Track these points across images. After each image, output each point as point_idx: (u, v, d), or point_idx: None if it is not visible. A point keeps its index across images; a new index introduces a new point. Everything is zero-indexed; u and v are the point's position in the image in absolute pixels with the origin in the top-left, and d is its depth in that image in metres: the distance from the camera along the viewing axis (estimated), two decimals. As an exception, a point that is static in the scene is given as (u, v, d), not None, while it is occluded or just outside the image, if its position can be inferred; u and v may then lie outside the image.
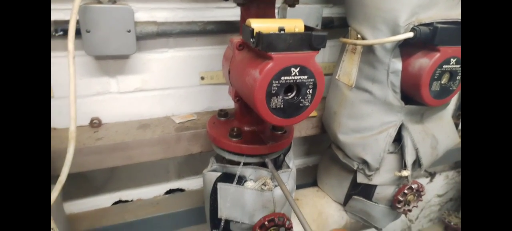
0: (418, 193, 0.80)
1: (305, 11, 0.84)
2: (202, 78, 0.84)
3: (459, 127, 1.14)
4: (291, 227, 0.65)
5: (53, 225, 0.58)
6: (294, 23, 0.47)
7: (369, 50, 0.69)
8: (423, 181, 1.34)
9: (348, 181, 0.85)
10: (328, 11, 0.90)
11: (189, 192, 0.98)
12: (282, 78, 0.46)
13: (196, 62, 0.82)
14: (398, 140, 0.75)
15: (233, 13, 0.80)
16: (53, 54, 0.69)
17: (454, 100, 0.78)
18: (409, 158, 0.74)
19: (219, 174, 0.64)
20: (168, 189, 0.97)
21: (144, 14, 0.73)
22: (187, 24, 0.74)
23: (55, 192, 0.48)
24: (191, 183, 0.99)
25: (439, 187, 1.44)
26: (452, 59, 0.64)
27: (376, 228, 0.89)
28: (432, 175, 1.39)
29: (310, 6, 0.84)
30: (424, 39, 0.62)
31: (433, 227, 1.54)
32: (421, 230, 1.53)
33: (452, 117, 0.83)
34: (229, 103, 0.88)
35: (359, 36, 0.70)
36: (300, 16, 0.71)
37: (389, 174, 0.77)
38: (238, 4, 0.58)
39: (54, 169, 0.66)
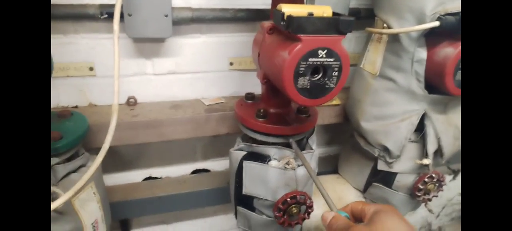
0: (439, 182, 0.81)
1: (332, 0, 0.85)
2: (231, 63, 0.88)
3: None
4: (312, 205, 0.68)
5: (94, 190, 0.64)
6: (322, 9, 0.49)
7: (394, 39, 0.70)
8: (446, 178, 1.33)
9: (368, 168, 0.87)
10: (355, 2, 0.91)
11: (214, 172, 1.03)
12: (310, 59, 0.48)
13: (226, 48, 0.86)
14: (421, 129, 0.76)
15: (262, 2, 0.83)
16: (96, 35, 0.75)
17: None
18: (431, 147, 0.75)
19: (245, 152, 0.67)
20: (194, 169, 1.02)
21: (180, 0, 0.77)
22: (219, 11, 0.78)
23: (100, 157, 0.53)
24: (216, 164, 1.03)
25: (462, 185, 1.42)
26: (478, 50, 0.64)
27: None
28: (455, 173, 1.37)
29: (338, -4, 0.86)
30: (450, 29, 0.63)
31: (453, 225, 1.52)
32: (441, 227, 1.52)
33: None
34: (255, 89, 0.92)
35: (385, 25, 0.71)
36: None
37: (410, 162, 0.79)
38: (270, -8, 0.61)
39: (96, 142, 0.72)
